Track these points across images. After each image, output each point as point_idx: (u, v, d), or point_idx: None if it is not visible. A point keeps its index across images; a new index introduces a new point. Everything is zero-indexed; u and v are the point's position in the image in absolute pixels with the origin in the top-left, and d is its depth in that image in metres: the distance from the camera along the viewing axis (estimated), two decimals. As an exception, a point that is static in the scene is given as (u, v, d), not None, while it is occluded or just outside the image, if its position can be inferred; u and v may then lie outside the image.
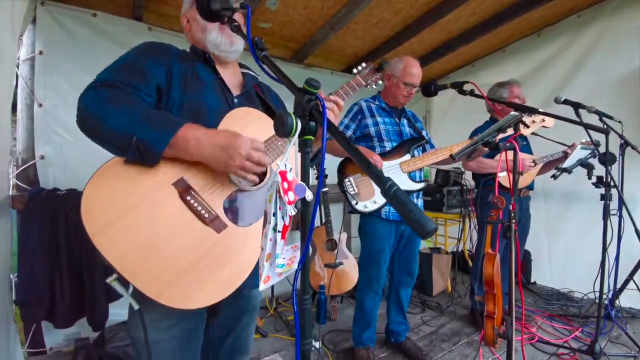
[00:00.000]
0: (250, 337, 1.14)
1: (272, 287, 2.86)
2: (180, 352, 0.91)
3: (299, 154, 0.56)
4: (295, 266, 0.57)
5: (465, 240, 2.92)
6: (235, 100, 1.01)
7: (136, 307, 0.80)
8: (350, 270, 2.63)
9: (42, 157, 2.03)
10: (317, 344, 2.11)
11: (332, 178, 2.00)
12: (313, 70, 3.32)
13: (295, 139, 0.53)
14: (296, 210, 0.56)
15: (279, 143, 0.94)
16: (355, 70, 1.15)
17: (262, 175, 0.93)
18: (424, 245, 3.49)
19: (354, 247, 3.04)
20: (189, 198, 0.83)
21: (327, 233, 2.65)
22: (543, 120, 1.57)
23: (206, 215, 0.84)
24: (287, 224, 0.56)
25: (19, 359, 1.85)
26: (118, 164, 0.79)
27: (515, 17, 2.67)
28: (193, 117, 0.88)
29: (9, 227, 1.76)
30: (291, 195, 0.54)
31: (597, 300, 1.80)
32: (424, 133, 1.97)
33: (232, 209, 0.89)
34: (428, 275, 2.98)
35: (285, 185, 0.53)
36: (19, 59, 1.92)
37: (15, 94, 1.91)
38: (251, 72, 1.14)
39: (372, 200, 1.78)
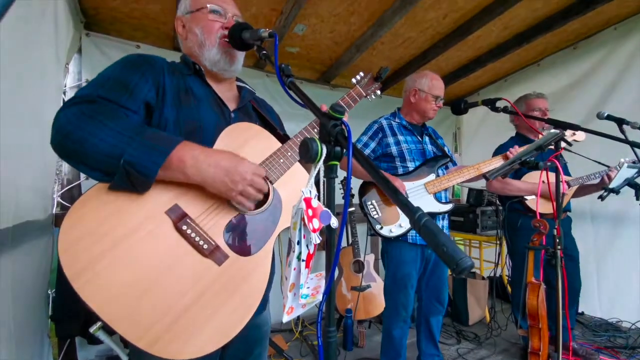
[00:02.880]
0: None
1: (298, 309, 2.79)
2: None
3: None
4: (319, 297, 0.54)
5: (503, 265, 2.72)
6: (233, 115, 0.95)
7: (125, 359, 0.72)
8: (378, 294, 2.52)
9: (87, 178, 2.17)
10: (343, 373, 2.01)
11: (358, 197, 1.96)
12: (339, 91, 3.36)
13: (320, 164, 0.51)
14: (321, 238, 0.54)
15: (281, 161, 0.88)
16: (354, 80, 1.09)
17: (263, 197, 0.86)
18: (457, 268, 3.29)
19: (382, 268, 2.93)
20: (184, 227, 0.73)
21: (354, 254, 2.58)
22: (573, 134, 1.46)
23: (205, 246, 0.74)
24: (311, 252, 0.54)
25: (51, 374, 1.91)
26: (101, 191, 0.69)
27: (549, 31, 2.57)
28: (189, 134, 0.82)
29: (51, 245, 1.87)
30: (316, 223, 0.51)
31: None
32: (446, 150, 1.90)
33: (233, 237, 0.79)
34: (463, 302, 2.78)
35: (310, 212, 0.51)
36: (65, 87, 2.08)
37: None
38: (247, 86, 1.08)
39: (397, 224, 1.70)
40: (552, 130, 1.13)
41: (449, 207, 1.74)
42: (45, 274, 1.84)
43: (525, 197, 2.02)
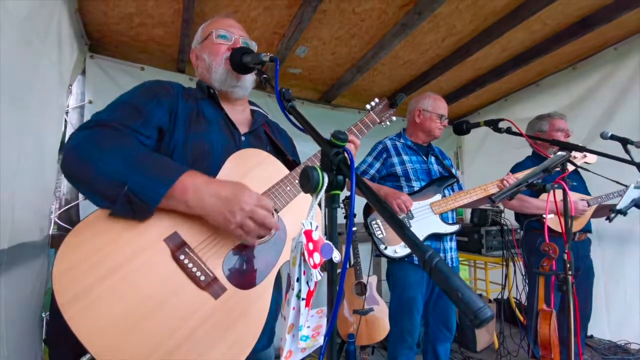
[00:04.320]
0: None
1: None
2: None
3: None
4: (320, 340, 0.50)
5: (510, 287, 2.63)
6: (243, 139, 0.95)
7: None
8: (381, 317, 2.43)
9: (86, 198, 2.14)
10: (346, 404, 1.91)
11: (361, 216, 1.92)
12: (340, 110, 3.37)
13: (321, 194, 0.49)
14: (322, 275, 0.50)
15: (288, 188, 0.86)
16: (368, 107, 1.07)
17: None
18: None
19: (385, 290, 2.85)
20: (182, 257, 0.70)
21: (356, 275, 2.51)
22: (584, 156, 1.45)
23: (202, 277, 0.71)
24: (312, 289, 0.50)
25: (43, 399, 1.82)
26: (100, 218, 0.67)
27: (547, 52, 2.60)
28: (197, 157, 0.83)
29: (46, 266, 1.82)
30: (317, 257, 0.48)
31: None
32: (453, 171, 1.88)
33: (233, 269, 0.76)
34: (470, 326, 2.69)
35: (311, 246, 0.48)
36: (68, 107, 2.08)
37: (62, 139, 2.06)
38: (261, 110, 1.09)
39: (402, 244, 1.66)
40: (559, 153, 1.12)
41: (455, 227, 1.70)
42: (40, 296, 1.79)
43: (544, 215, 1.98)
